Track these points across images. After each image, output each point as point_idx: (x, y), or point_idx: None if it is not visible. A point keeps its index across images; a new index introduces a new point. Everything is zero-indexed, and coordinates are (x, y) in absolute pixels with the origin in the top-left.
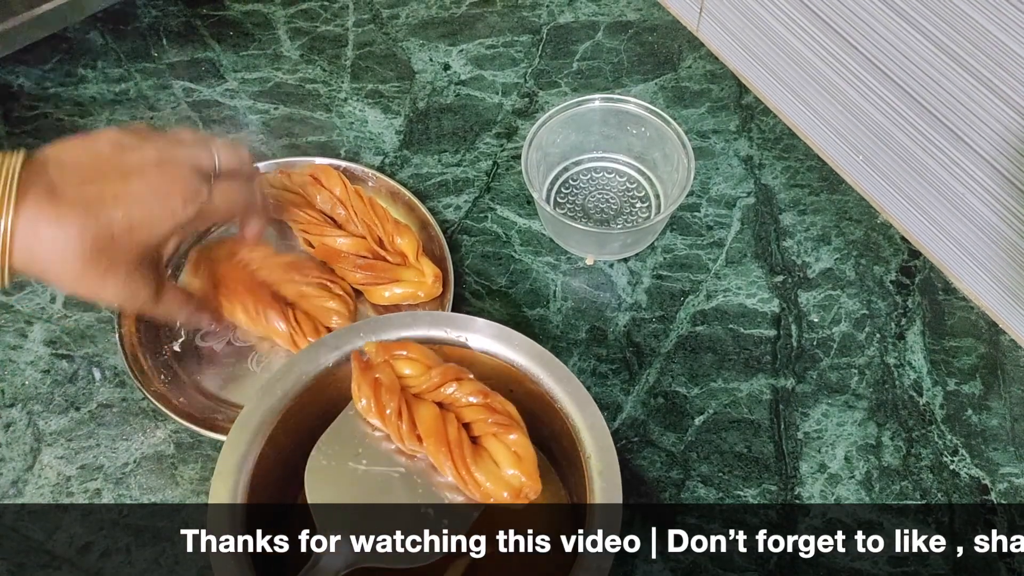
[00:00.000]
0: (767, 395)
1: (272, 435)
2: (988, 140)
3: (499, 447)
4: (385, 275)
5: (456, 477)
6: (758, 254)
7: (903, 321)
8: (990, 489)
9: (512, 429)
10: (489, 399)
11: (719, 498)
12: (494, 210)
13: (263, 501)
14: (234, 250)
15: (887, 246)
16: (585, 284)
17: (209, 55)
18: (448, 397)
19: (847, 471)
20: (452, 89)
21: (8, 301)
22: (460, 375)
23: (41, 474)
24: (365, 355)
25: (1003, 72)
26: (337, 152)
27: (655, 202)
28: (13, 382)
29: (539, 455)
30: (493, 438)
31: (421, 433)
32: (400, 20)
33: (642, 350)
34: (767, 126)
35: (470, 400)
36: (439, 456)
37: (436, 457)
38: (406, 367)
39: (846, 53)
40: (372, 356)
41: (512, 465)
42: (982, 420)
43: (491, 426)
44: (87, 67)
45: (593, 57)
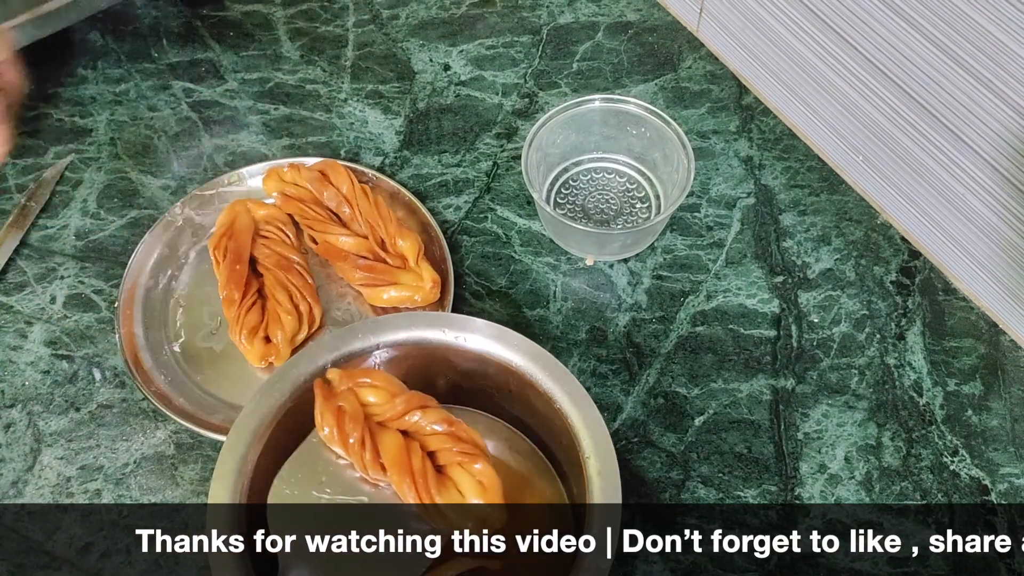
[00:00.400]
0: (767, 395)
1: (272, 436)
2: (988, 140)
3: (464, 476)
4: (384, 277)
5: (419, 507)
6: (758, 254)
7: (903, 321)
8: (990, 489)
9: (477, 458)
10: (454, 427)
11: (719, 499)
12: (494, 210)
13: (263, 501)
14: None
15: (887, 246)
16: (585, 285)
17: (209, 56)
18: (413, 425)
19: (847, 471)
20: (452, 90)
21: (8, 301)
22: (425, 403)
23: (41, 475)
24: (328, 383)
25: (1003, 72)
26: (337, 153)
27: (655, 203)
28: (13, 383)
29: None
30: (458, 467)
31: (385, 462)
32: (400, 21)
33: (642, 350)
34: (767, 126)
35: (435, 428)
36: (403, 486)
37: (400, 487)
38: (370, 395)
39: (846, 53)
40: (336, 383)
41: (477, 495)
42: (982, 420)
43: (456, 455)
44: (87, 67)
45: (593, 57)
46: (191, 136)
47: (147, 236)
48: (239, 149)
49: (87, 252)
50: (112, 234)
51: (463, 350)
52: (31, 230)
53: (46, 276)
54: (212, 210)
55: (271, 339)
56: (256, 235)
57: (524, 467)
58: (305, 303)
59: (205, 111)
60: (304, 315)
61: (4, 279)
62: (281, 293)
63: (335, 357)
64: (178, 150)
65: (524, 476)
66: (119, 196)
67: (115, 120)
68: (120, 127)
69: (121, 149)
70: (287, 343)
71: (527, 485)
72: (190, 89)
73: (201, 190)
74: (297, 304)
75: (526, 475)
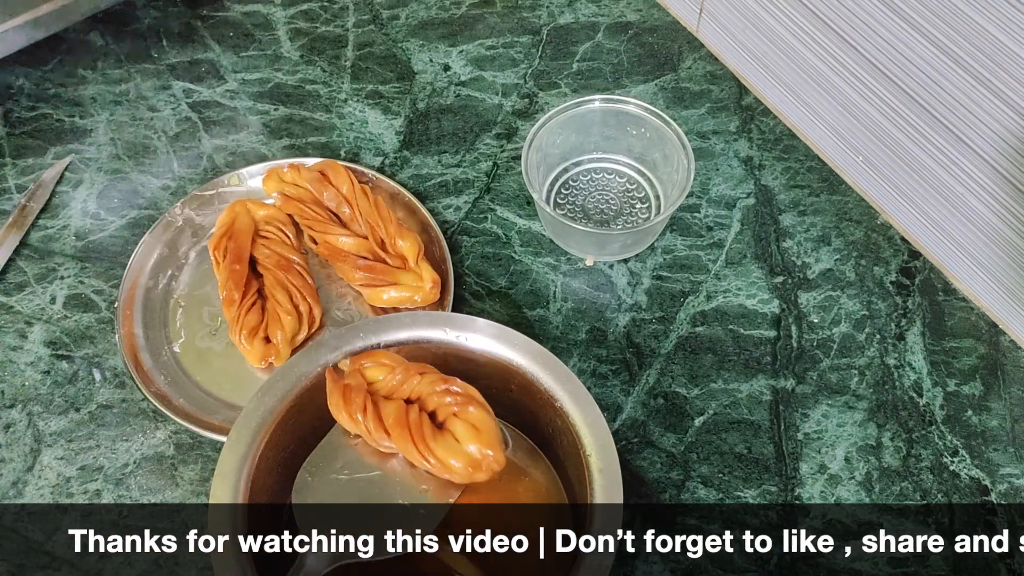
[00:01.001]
0: (767, 396)
1: (272, 435)
2: (988, 141)
3: (459, 425)
4: (383, 277)
5: (419, 458)
6: (758, 255)
7: (903, 322)
8: (990, 490)
9: (470, 403)
10: (448, 383)
11: (719, 499)
12: (494, 211)
13: (263, 501)
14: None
15: (887, 247)
16: (585, 285)
17: (209, 56)
18: (414, 391)
19: (847, 472)
20: (452, 90)
21: (8, 302)
22: (423, 370)
23: (41, 475)
24: (339, 369)
25: (1003, 73)
26: (337, 153)
27: (655, 203)
28: (13, 383)
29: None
30: (454, 418)
31: (387, 426)
32: (400, 21)
33: (642, 351)
34: (767, 127)
35: (434, 389)
36: (403, 443)
37: (401, 445)
38: (376, 373)
39: (846, 54)
40: (347, 371)
41: (472, 440)
42: (982, 421)
43: (451, 406)
44: (87, 68)
45: (593, 58)
46: (191, 136)
47: (147, 236)
48: (239, 149)
49: (87, 252)
50: (112, 234)
51: (465, 350)
52: (31, 230)
53: (46, 276)
54: (212, 210)
55: (271, 339)
56: (256, 235)
57: (525, 466)
58: (305, 303)
59: (205, 111)
60: (304, 315)
61: (4, 279)
62: (281, 293)
63: (336, 356)
64: (178, 150)
65: (525, 475)
66: (119, 196)
67: (115, 120)
68: (120, 127)
69: (121, 149)
70: (287, 343)
71: (528, 484)
72: (190, 89)
73: (201, 190)
74: (297, 304)
75: (527, 474)
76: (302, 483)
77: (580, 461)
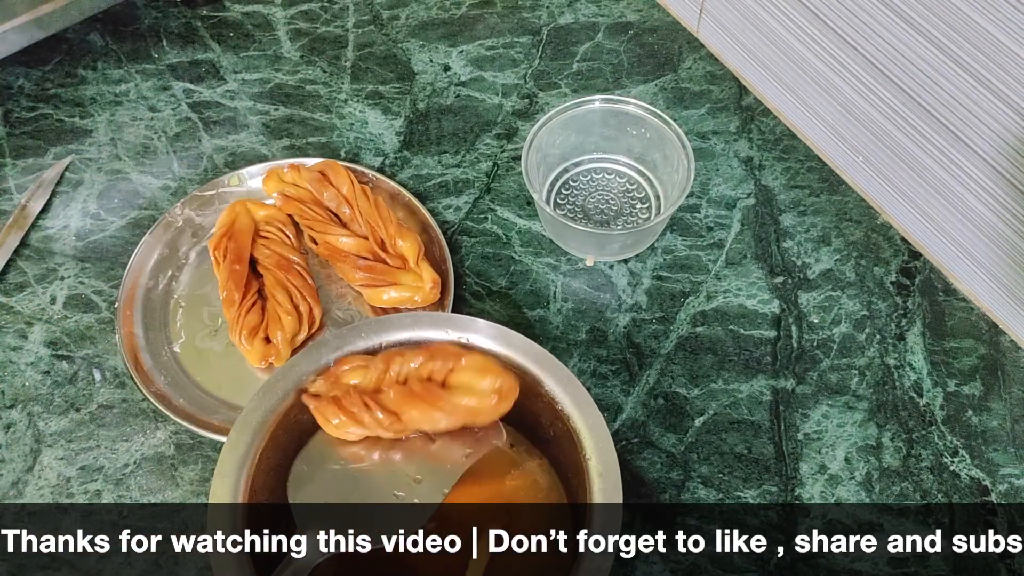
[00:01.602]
0: (767, 396)
1: (272, 435)
2: (988, 141)
3: (462, 374)
4: (383, 278)
5: (441, 416)
6: (758, 255)
7: (903, 322)
8: (990, 490)
9: (461, 355)
10: (430, 349)
11: (719, 499)
12: (494, 211)
13: (263, 501)
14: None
15: (887, 247)
16: (585, 285)
17: (209, 56)
18: (400, 374)
19: (847, 472)
20: (452, 90)
21: (8, 302)
22: (400, 352)
23: (41, 475)
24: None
25: (1003, 73)
26: (337, 153)
27: (655, 203)
28: (13, 383)
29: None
30: (453, 373)
31: (394, 410)
32: (400, 21)
33: (642, 351)
34: (767, 127)
35: (420, 361)
36: (420, 412)
37: (418, 416)
38: (351, 378)
39: (846, 54)
40: (324, 391)
41: (481, 378)
42: (982, 421)
43: (445, 366)
44: (87, 68)
45: (593, 58)
46: (191, 136)
47: (147, 237)
48: (239, 150)
49: (87, 252)
50: (112, 234)
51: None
52: (31, 230)
53: (46, 276)
54: (212, 211)
55: (271, 340)
56: (256, 236)
57: (524, 467)
58: (305, 304)
59: (205, 111)
60: (304, 316)
61: (4, 279)
62: (281, 294)
63: (337, 357)
64: (178, 150)
65: (524, 476)
66: (119, 196)
67: (115, 120)
68: (120, 127)
69: (121, 149)
70: (287, 343)
71: (527, 485)
72: (190, 90)
73: (201, 190)
74: (297, 304)
75: (526, 475)
76: (298, 473)
77: (580, 463)
